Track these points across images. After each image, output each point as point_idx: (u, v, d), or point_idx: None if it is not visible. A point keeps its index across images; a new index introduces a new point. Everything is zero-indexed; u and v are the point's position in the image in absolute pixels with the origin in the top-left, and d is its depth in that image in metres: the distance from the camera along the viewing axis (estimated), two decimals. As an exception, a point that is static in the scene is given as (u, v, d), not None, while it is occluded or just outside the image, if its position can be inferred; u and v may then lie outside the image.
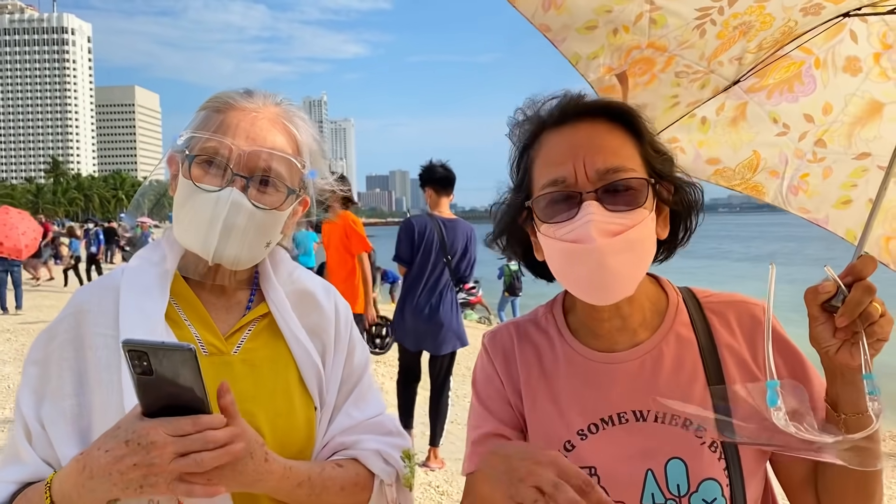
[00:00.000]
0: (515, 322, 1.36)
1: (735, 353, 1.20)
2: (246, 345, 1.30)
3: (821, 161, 1.91)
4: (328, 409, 1.35)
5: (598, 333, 1.25)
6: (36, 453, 1.17)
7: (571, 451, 1.19)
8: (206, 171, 1.23)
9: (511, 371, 1.30)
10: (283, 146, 1.28)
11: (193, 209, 1.23)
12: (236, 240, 1.23)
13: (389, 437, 1.38)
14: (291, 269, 1.41)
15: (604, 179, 1.12)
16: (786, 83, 1.80)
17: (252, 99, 1.30)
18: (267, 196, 1.25)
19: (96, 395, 1.19)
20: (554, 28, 1.52)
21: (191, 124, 1.29)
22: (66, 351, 1.22)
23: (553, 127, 1.20)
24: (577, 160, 1.13)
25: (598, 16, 1.50)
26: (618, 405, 1.19)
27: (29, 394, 1.21)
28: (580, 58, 1.59)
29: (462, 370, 10.02)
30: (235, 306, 1.34)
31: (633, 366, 1.21)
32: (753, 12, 1.53)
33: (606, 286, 1.13)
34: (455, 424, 6.89)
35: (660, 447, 1.15)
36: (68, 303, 1.29)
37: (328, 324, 1.38)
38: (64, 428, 1.17)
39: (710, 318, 1.24)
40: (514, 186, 1.26)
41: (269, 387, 1.28)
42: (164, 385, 1.00)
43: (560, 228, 1.13)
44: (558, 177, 1.14)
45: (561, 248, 1.14)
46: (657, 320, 1.25)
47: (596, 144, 1.15)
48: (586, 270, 1.12)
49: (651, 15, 1.50)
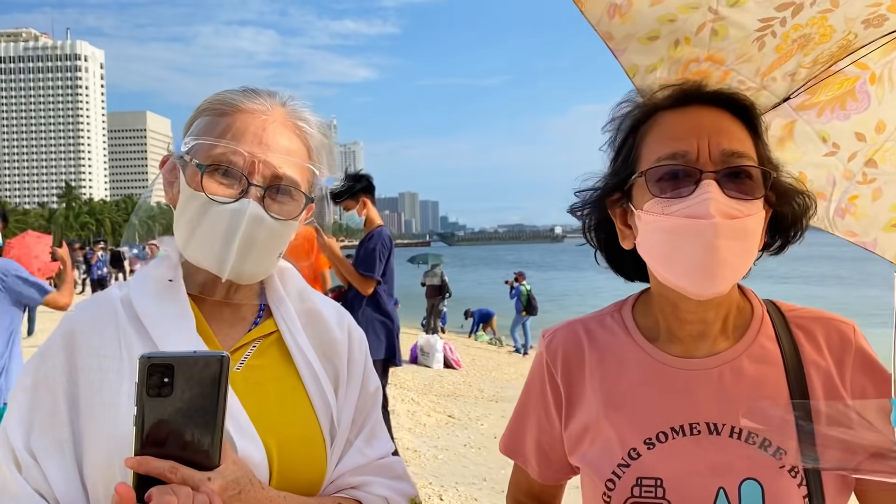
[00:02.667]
0: (582, 320, 1.29)
1: (822, 373, 1.13)
2: (250, 361, 1.21)
3: (871, 182, 1.83)
4: (340, 441, 1.24)
5: (676, 337, 1.18)
6: (29, 484, 1.06)
7: (636, 459, 1.12)
8: (216, 180, 1.14)
9: (569, 371, 1.23)
10: (298, 151, 1.20)
11: (205, 223, 1.14)
12: (252, 253, 1.15)
13: (398, 482, 1.30)
14: (301, 287, 1.33)
15: (726, 162, 1.07)
16: (838, 100, 1.73)
17: (257, 100, 1.20)
18: (283, 205, 1.17)
19: (87, 422, 1.09)
20: (617, 37, 1.48)
21: (192, 129, 1.19)
22: (57, 375, 1.12)
23: (672, 108, 1.15)
24: (700, 138, 1.08)
25: (661, 25, 1.46)
26: (691, 415, 1.12)
27: (17, 423, 1.10)
28: (638, 70, 1.54)
29: (474, 391, 9.92)
30: (240, 321, 1.25)
31: (710, 375, 1.14)
32: (815, 23, 1.48)
33: (713, 272, 1.05)
34: (469, 448, 6.79)
35: (734, 465, 1.08)
36: (59, 324, 1.19)
37: (341, 348, 1.29)
38: (61, 460, 1.07)
39: (797, 334, 1.17)
40: (613, 168, 1.20)
41: (275, 409, 1.18)
42: (179, 407, 0.89)
43: (672, 205, 1.07)
44: (679, 150, 1.08)
45: (671, 225, 1.07)
46: (740, 331, 1.18)
47: (722, 127, 1.10)
48: (697, 251, 1.05)
49: (713, 25, 1.45)
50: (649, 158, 1.12)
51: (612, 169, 1.20)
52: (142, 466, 0.92)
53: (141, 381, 0.89)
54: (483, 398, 9.65)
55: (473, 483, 5.60)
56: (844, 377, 1.12)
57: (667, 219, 1.07)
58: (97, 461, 1.06)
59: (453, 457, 6.42)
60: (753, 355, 1.15)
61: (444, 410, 8.40)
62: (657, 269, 1.13)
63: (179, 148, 1.19)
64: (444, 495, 5.29)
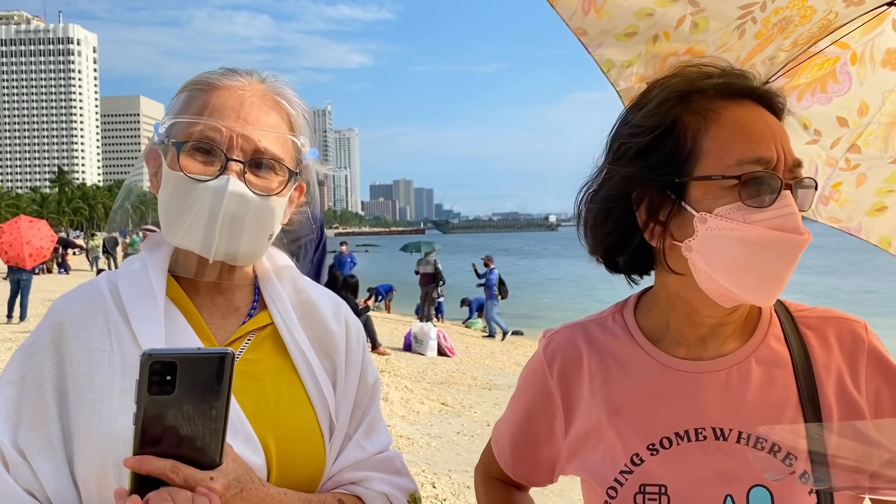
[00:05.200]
0: (581, 323, 1.25)
1: (832, 374, 1.08)
2: (245, 355, 1.17)
3: (854, 168, 1.82)
4: (339, 435, 1.22)
5: (683, 339, 1.13)
6: (18, 484, 1.02)
7: (639, 465, 1.08)
8: (195, 158, 1.10)
9: (567, 375, 1.20)
10: (278, 124, 1.16)
11: (186, 203, 1.10)
12: (238, 232, 1.11)
13: (398, 477, 1.28)
14: (296, 277, 1.29)
15: (792, 172, 1.03)
16: (818, 82, 1.70)
17: (235, 76, 1.17)
18: (266, 181, 1.13)
19: (77, 418, 1.05)
20: (591, 33, 1.45)
21: (169, 110, 1.15)
22: (45, 369, 1.08)
23: (729, 98, 1.06)
24: (776, 142, 1.02)
25: (639, 20, 1.42)
26: (696, 420, 1.08)
27: (4, 419, 1.06)
28: (613, 65, 1.51)
29: (467, 379, 9.95)
30: (234, 313, 1.22)
31: (717, 377, 1.09)
32: (796, 4, 1.45)
33: (779, 285, 1.02)
34: (462, 436, 6.81)
35: (741, 471, 1.04)
36: (46, 314, 1.16)
37: (338, 341, 1.26)
38: (51, 457, 1.04)
39: (806, 334, 1.12)
40: (645, 157, 1.08)
41: (272, 404, 1.16)
42: (182, 405, 0.87)
43: (754, 213, 0.99)
44: (763, 156, 1.01)
45: (756, 236, 0.99)
46: (748, 331, 1.13)
47: (785, 133, 1.05)
48: (780, 263, 1.00)
49: (693, 18, 1.43)
50: (723, 157, 1.02)
51: (645, 155, 1.07)
52: (142, 466, 0.89)
53: (142, 378, 0.87)
54: (476, 386, 9.70)
55: (466, 471, 5.62)
56: (858, 379, 1.08)
57: (750, 228, 0.99)
58: (89, 458, 1.04)
59: (446, 444, 6.45)
60: (761, 357, 1.11)
61: (437, 398, 8.43)
62: (716, 276, 1.03)
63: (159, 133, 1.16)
64: (437, 482, 5.32)
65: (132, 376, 1.02)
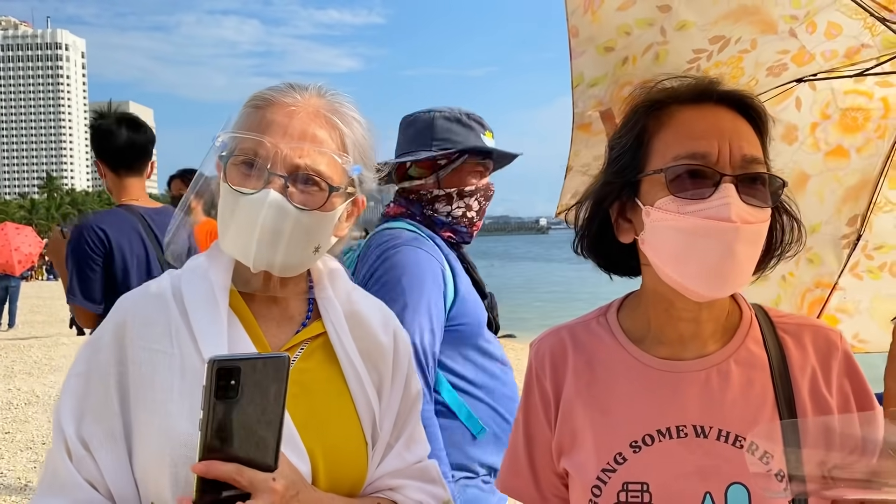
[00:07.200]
0: (567, 326, 1.28)
1: (807, 375, 1.14)
2: (298, 364, 1.20)
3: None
4: (381, 445, 1.26)
5: (664, 338, 1.17)
6: (80, 475, 1.07)
7: (622, 463, 1.11)
8: (243, 172, 1.14)
9: (556, 376, 1.23)
10: (325, 141, 1.17)
11: (233, 214, 1.15)
12: (277, 244, 1.13)
13: (432, 485, 1.32)
14: (350, 288, 1.32)
15: (745, 168, 1.07)
16: None
17: (294, 93, 1.19)
18: (308, 195, 1.15)
19: (137, 416, 1.10)
20: (581, 36, 1.48)
21: (226, 124, 1.21)
22: (110, 365, 1.13)
23: (688, 104, 1.13)
24: (722, 140, 1.07)
25: (618, 36, 1.47)
26: (677, 417, 1.12)
27: (70, 410, 1.11)
28: (582, 80, 1.55)
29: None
30: (288, 321, 1.25)
31: (697, 377, 1.13)
32: (732, 63, 1.54)
33: (726, 275, 1.06)
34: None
35: (720, 469, 1.07)
36: (112, 311, 1.20)
37: (386, 353, 1.28)
38: (114, 451, 1.09)
39: (784, 339, 1.17)
40: (619, 160, 1.16)
41: (322, 414, 1.19)
42: (245, 409, 0.91)
43: (689, 205, 1.05)
44: (699, 151, 1.07)
45: (689, 225, 1.05)
46: (728, 334, 1.18)
47: (742, 131, 1.10)
48: (714, 252, 1.04)
49: (658, 49, 1.48)
50: (665, 155, 1.10)
51: (618, 161, 1.16)
52: (210, 471, 0.93)
53: (209, 384, 0.89)
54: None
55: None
56: (830, 379, 1.13)
57: (683, 218, 1.05)
58: (147, 456, 1.08)
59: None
60: (741, 359, 1.15)
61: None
62: (664, 267, 1.10)
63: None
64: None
65: (191, 379, 1.08)
